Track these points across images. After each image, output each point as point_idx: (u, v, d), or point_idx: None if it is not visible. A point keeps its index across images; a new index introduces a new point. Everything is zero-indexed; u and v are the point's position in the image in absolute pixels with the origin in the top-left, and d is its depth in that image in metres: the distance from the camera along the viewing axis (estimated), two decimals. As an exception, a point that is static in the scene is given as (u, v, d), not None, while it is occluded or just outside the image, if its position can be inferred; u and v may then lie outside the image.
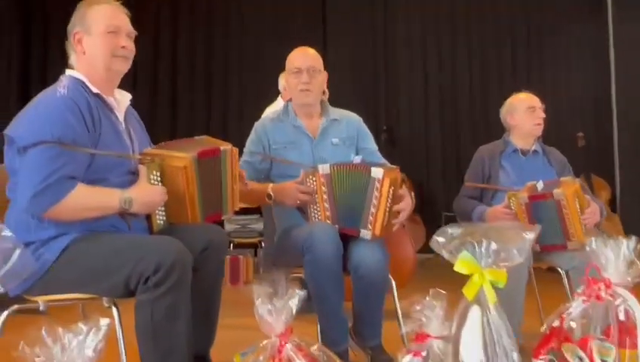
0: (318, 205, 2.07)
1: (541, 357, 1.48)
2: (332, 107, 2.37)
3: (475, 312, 1.13)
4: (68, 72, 1.71)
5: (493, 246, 1.16)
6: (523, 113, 2.73)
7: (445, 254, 1.22)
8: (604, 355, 1.18)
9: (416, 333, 1.56)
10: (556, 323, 1.56)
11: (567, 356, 1.17)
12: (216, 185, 1.84)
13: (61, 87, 1.61)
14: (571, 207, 2.26)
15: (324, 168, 2.05)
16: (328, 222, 2.04)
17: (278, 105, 3.42)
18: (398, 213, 2.03)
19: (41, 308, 1.65)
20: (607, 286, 1.50)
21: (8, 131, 1.59)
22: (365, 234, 2.00)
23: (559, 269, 2.45)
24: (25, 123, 1.57)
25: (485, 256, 1.17)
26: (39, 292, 1.56)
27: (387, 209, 1.97)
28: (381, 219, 1.97)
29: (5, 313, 1.61)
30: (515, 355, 1.08)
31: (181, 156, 1.75)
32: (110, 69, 1.68)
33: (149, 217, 1.75)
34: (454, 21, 6.17)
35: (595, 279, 1.58)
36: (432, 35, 6.17)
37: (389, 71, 6.14)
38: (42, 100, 1.60)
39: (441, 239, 1.22)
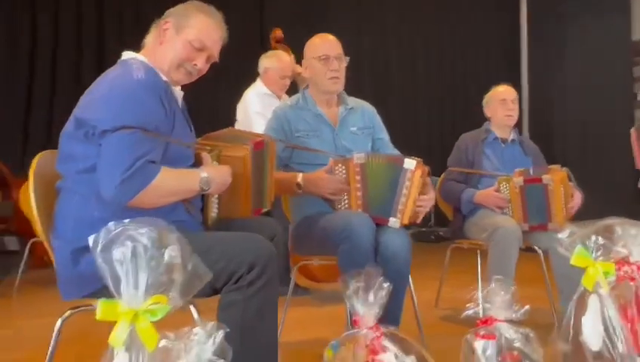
0: (348, 194, 2.09)
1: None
2: (347, 95, 2.36)
3: (594, 301, 1.26)
4: (133, 54, 1.59)
5: (601, 240, 1.29)
6: (496, 104, 2.95)
7: (561, 250, 1.34)
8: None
9: (481, 318, 1.68)
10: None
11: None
12: (261, 177, 1.81)
13: (136, 69, 1.49)
14: (557, 192, 2.52)
15: (359, 157, 2.07)
16: (360, 210, 2.07)
17: (257, 87, 3.33)
18: (425, 203, 2.09)
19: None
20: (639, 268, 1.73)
21: (80, 114, 1.45)
22: (394, 222, 2.06)
23: (537, 249, 2.71)
24: (102, 106, 1.44)
25: (595, 250, 1.30)
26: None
27: (416, 199, 2.04)
28: (410, 208, 2.04)
29: (59, 321, 1.48)
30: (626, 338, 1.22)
31: (239, 146, 1.70)
32: (169, 75, 1.59)
33: (203, 209, 1.68)
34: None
35: (622, 261, 1.80)
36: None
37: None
38: (118, 83, 1.47)
39: (560, 236, 1.33)
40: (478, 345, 1.59)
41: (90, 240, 0.90)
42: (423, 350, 1.54)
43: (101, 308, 0.86)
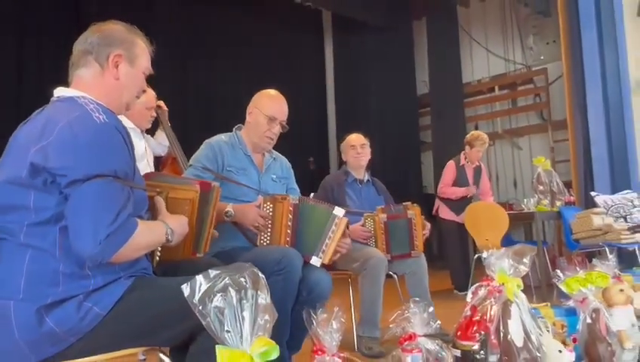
0: (269, 230, 2.21)
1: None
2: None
3: (515, 309, 1.62)
4: (74, 91, 1.46)
5: (511, 261, 1.67)
6: (347, 149, 3.38)
7: (488, 271, 1.68)
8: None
9: (403, 335, 1.95)
10: (469, 313, 2.19)
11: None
12: (203, 221, 1.82)
13: (93, 110, 1.37)
14: (418, 224, 3.00)
15: (294, 198, 2.23)
16: (287, 246, 2.20)
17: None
18: (342, 247, 2.30)
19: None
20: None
21: (41, 161, 1.29)
22: (316, 261, 2.23)
23: (393, 274, 3.13)
24: (69, 153, 1.30)
25: (508, 269, 1.67)
26: (77, 354, 1.31)
27: (338, 243, 2.25)
28: (332, 250, 2.23)
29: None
30: (539, 336, 1.61)
31: (186, 188, 1.71)
32: (128, 108, 1.58)
33: (151, 254, 1.63)
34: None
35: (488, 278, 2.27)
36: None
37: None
38: (82, 127, 1.33)
39: (487, 260, 1.68)
40: (408, 358, 1.86)
41: (186, 289, 0.90)
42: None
43: (223, 356, 0.86)
